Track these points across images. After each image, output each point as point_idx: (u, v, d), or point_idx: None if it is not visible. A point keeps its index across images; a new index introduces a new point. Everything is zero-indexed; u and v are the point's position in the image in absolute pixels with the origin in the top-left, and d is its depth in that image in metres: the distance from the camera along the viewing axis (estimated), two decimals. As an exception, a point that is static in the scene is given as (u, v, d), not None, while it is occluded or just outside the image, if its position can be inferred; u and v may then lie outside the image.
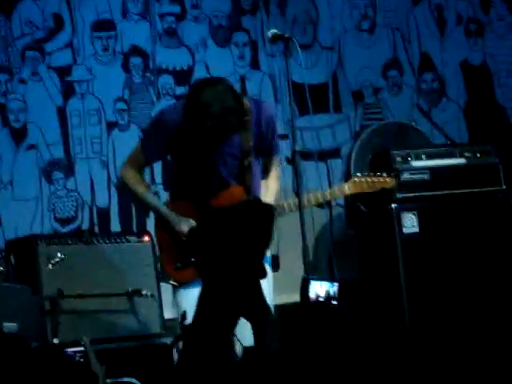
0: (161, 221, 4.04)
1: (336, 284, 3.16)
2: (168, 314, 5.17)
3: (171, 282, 4.00)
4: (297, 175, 3.82)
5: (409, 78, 6.85)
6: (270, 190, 4.08)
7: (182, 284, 3.95)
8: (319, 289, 3.20)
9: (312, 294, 3.21)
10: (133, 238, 5.28)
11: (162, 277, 4.06)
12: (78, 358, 4.19)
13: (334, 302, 3.14)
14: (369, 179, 4.18)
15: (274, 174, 4.14)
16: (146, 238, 5.27)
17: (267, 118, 4.04)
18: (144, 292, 5.02)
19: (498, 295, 5.40)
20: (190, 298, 3.81)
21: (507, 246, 5.48)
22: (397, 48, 6.85)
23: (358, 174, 4.20)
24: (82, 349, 4.27)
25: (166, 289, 5.70)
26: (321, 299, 3.17)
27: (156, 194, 5.74)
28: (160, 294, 5.18)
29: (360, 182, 4.17)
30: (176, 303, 4.04)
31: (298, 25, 6.69)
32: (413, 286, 5.40)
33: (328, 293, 3.17)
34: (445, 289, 5.41)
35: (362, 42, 6.83)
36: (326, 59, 6.75)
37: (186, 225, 3.95)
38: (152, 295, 5.06)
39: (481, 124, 6.79)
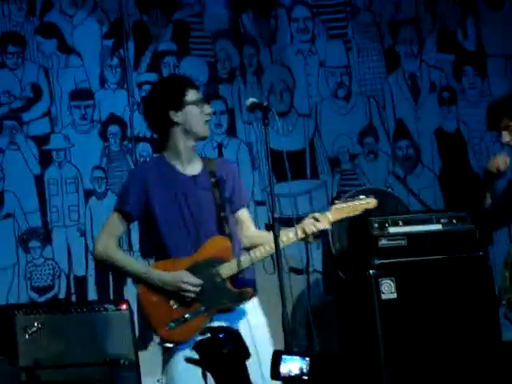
0: (146, 284, 3.96)
1: (307, 359, 3.12)
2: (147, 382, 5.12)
3: (167, 344, 3.90)
4: (276, 243, 3.82)
5: (384, 145, 6.92)
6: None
7: (179, 343, 3.86)
8: (292, 364, 3.16)
9: (284, 369, 3.16)
10: (110, 307, 5.25)
11: (158, 343, 3.96)
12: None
13: (305, 378, 3.11)
14: (350, 203, 4.13)
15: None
16: (124, 306, 5.24)
17: (233, 174, 4.12)
18: (122, 361, 4.98)
19: (475, 360, 5.40)
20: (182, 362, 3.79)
21: (484, 311, 5.50)
22: (372, 115, 6.94)
23: (338, 201, 4.18)
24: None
25: (145, 357, 5.67)
26: (292, 374, 3.12)
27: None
28: (138, 362, 5.13)
29: (342, 208, 4.13)
30: (166, 371, 3.96)
31: (274, 92, 6.77)
32: (392, 351, 5.38)
33: (301, 368, 3.13)
34: (423, 354, 5.40)
35: (339, 109, 6.91)
36: (302, 126, 6.81)
37: (177, 277, 3.90)
38: (131, 364, 5.01)
39: (456, 191, 6.85)
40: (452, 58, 7.09)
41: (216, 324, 3.87)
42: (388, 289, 5.48)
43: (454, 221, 5.68)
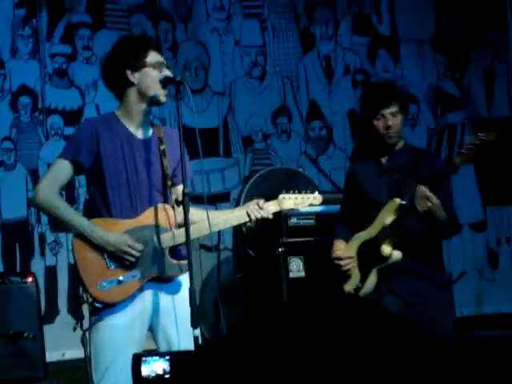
0: (82, 239, 3.85)
1: (167, 358, 3.13)
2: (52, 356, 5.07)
3: (96, 304, 3.80)
4: (186, 218, 3.80)
5: (297, 126, 6.97)
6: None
7: (108, 305, 3.80)
8: (154, 364, 3.16)
9: (147, 371, 3.18)
10: (16, 279, 5.17)
11: (82, 301, 3.87)
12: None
13: (167, 376, 3.11)
14: (297, 196, 4.13)
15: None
16: (30, 279, 5.16)
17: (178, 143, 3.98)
18: (26, 334, 4.92)
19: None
20: (109, 327, 3.77)
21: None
22: (286, 96, 6.97)
23: (284, 192, 4.18)
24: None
25: (50, 331, 5.62)
26: (154, 375, 3.13)
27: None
28: (43, 336, 5.08)
29: (288, 199, 4.12)
30: (92, 334, 3.90)
31: (189, 69, 6.74)
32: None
33: (163, 368, 3.13)
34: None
35: (253, 88, 6.92)
36: (216, 104, 6.80)
37: (121, 239, 3.83)
38: (34, 337, 4.95)
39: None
40: (366, 41, 7.17)
41: (147, 292, 3.86)
42: (296, 267, 5.53)
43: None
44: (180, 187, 3.91)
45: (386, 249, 4.37)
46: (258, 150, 6.87)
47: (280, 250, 5.54)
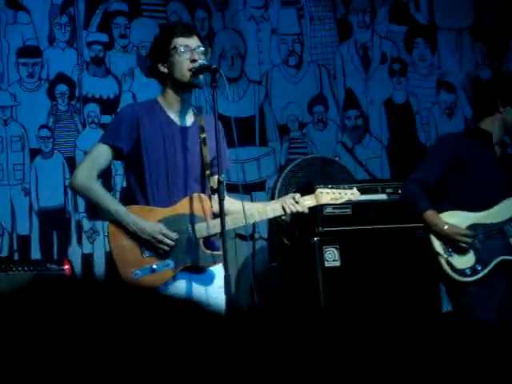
0: (117, 225, 3.84)
1: None
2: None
3: None
4: (221, 206, 3.79)
5: (333, 115, 6.94)
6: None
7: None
8: None
9: None
10: (53, 266, 5.21)
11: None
12: None
13: None
14: (335, 191, 4.07)
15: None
16: (66, 266, 5.20)
17: (221, 135, 3.98)
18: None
19: (415, 330, 5.47)
20: None
21: (425, 281, 5.56)
22: (322, 84, 6.94)
23: (321, 186, 4.16)
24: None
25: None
26: None
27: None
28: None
29: (326, 194, 4.06)
30: None
31: (225, 58, 6.73)
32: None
33: None
34: (364, 324, 5.46)
35: (289, 77, 6.90)
36: (253, 93, 6.79)
37: (155, 227, 3.82)
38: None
39: (403, 161, 6.90)
40: (404, 30, 7.11)
41: (180, 281, 3.86)
42: (331, 256, 5.51)
43: (399, 191, 5.72)
44: (215, 177, 3.88)
45: None
46: (294, 139, 6.85)
47: (315, 239, 5.52)
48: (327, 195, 4.08)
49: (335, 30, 7.00)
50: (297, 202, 3.97)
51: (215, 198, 3.85)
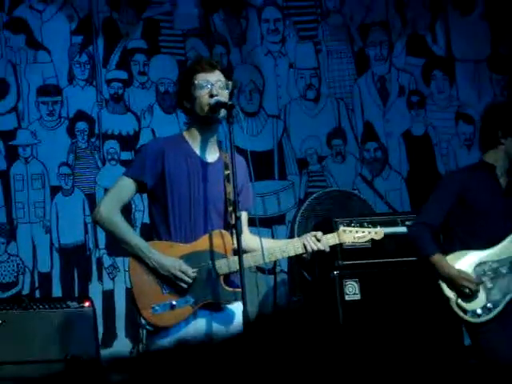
0: (139, 260, 3.87)
1: None
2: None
3: (147, 327, 3.83)
4: (238, 241, 3.81)
5: (352, 148, 6.95)
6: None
7: (160, 329, 3.82)
8: None
9: None
10: (73, 304, 5.23)
11: (140, 325, 3.88)
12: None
13: None
14: (358, 229, 4.07)
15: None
16: (87, 304, 5.22)
17: (245, 174, 4.05)
18: (83, 358, 4.96)
19: (437, 363, 5.43)
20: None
21: (446, 314, 5.52)
22: (341, 117, 6.96)
23: (344, 223, 4.12)
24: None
25: (107, 354, 5.66)
26: None
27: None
28: (100, 359, 5.11)
29: (349, 232, 4.07)
30: None
31: (244, 92, 6.77)
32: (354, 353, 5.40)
33: None
34: (386, 356, 5.42)
35: (307, 110, 6.93)
36: (271, 127, 6.82)
37: (176, 264, 3.84)
38: (92, 361, 4.99)
39: (422, 193, 6.88)
40: (421, 62, 7.13)
41: (200, 320, 3.86)
42: (352, 290, 5.50)
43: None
44: (243, 213, 3.95)
45: None
46: (313, 172, 6.86)
47: (335, 272, 5.51)
48: (350, 234, 4.07)
49: (353, 64, 7.03)
50: (318, 240, 3.98)
51: (244, 230, 3.90)
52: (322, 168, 6.88)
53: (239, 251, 3.76)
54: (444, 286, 4.66)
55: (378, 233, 4.14)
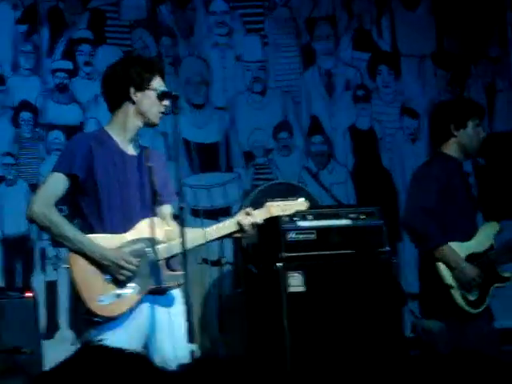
0: (79, 254, 3.87)
1: None
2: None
3: (95, 319, 3.83)
4: (183, 230, 3.84)
5: (298, 140, 6.98)
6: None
7: (108, 319, 3.83)
8: None
9: None
10: (15, 294, 5.19)
11: (84, 318, 3.87)
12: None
13: None
14: (284, 202, 4.19)
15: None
16: (29, 294, 5.18)
17: (164, 167, 4.14)
18: (24, 349, 4.93)
19: (378, 354, 5.49)
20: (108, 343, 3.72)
21: (388, 306, 5.59)
22: (287, 111, 6.99)
23: (271, 200, 4.21)
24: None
25: (50, 347, 5.63)
26: None
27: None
28: (41, 351, 5.09)
29: (276, 206, 4.17)
30: None
31: (191, 84, 6.76)
32: (298, 345, 5.44)
33: None
34: (329, 347, 5.47)
35: (254, 103, 6.94)
36: (218, 119, 6.82)
37: (119, 254, 3.87)
38: (32, 352, 4.97)
39: (368, 187, 6.96)
40: (367, 57, 7.19)
41: (144, 305, 3.90)
42: (296, 282, 5.53)
43: (363, 216, 5.76)
44: (165, 207, 4.04)
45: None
46: (260, 165, 6.88)
47: (279, 264, 5.54)
48: (277, 207, 4.18)
49: (299, 57, 7.06)
50: (249, 214, 4.09)
51: (170, 225, 3.97)
52: (269, 161, 6.90)
53: (183, 235, 3.80)
54: (445, 273, 4.84)
55: (302, 203, 4.24)
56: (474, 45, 7.33)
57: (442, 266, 4.83)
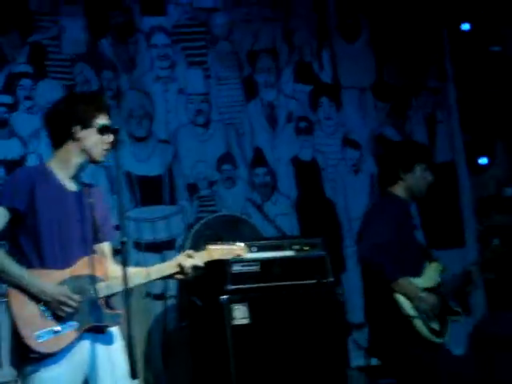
0: (18, 289, 3.83)
1: None
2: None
3: (32, 355, 3.77)
4: (124, 266, 3.81)
5: (242, 172, 7.00)
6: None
7: (45, 356, 3.78)
8: None
9: None
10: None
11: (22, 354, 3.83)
12: None
13: None
14: (224, 247, 4.19)
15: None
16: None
17: (104, 203, 4.16)
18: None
19: (324, 381, 5.51)
20: (46, 379, 3.76)
21: (333, 336, 5.62)
22: (231, 143, 7.01)
23: (212, 243, 4.20)
24: None
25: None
26: None
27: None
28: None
29: (216, 250, 4.16)
30: None
31: (133, 117, 6.75)
32: (243, 378, 5.43)
33: None
34: (275, 379, 5.47)
35: (197, 136, 6.95)
36: (161, 152, 6.81)
37: (59, 290, 3.85)
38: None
39: (311, 217, 7.00)
40: (308, 89, 7.26)
41: (84, 342, 3.87)
42: (240, 314, 5.53)
43: (306, 247, 5.80)
44: (106, 244, 4.07)
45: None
46: (204, 197, 6.88)
47: (224, 297, 5.53)
48: (218, 251, 4.18)
49: (241, 90, 7.10)
50: (190, 257, 4.08)
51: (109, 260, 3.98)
52: (213, 193, 6.91)
53: (125, 273, 3.78)
54: (405, 304, 4.94)
55: (241, 248, 4.24)
56: (413, 76, 7.46)
57: (401, 298, 4.91)
